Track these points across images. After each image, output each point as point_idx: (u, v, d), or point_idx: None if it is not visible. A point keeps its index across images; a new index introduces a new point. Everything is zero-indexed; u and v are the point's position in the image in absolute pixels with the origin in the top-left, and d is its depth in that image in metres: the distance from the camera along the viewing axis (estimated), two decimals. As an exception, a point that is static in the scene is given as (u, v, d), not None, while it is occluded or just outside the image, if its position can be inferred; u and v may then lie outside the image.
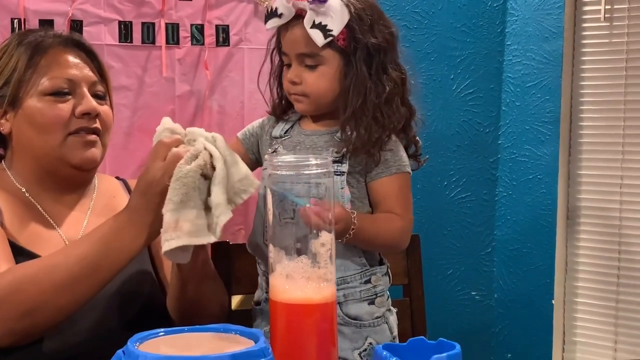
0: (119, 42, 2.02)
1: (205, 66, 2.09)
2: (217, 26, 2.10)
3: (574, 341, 2.41)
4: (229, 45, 2.12)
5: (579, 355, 2.39)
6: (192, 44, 2.09)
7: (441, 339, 0.94)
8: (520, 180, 2.51)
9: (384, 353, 0.89)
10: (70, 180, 1.37)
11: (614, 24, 2.30)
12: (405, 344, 0.97)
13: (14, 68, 1.32)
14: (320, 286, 0.98)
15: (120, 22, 2.02)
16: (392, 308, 1.48)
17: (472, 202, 2.51)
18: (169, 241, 1.10)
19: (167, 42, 2.06)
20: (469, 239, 2.51)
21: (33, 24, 1.93)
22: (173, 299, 1.37)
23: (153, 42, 2.05)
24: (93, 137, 1.34)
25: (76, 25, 1.97)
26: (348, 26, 1.36)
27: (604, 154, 2.35)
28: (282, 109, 1.50)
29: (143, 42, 2.05)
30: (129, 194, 1.46)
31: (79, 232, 1.36)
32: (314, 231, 0.99)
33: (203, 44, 2.09)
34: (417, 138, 1.49)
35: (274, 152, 1.46)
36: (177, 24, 2.07)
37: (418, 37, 2.41)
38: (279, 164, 1.00)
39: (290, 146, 1.45)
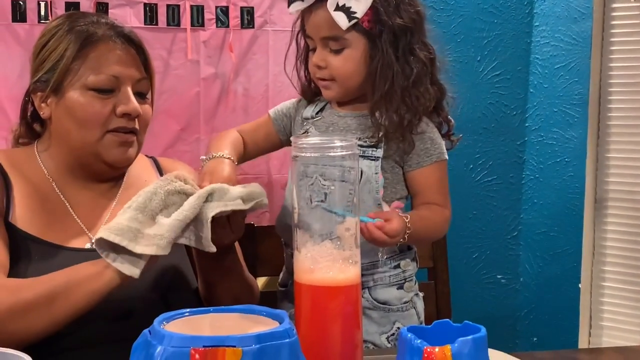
0: (144, 24, 2.03)
1: (230, 48, 2.09)
2: (241, 8, 2.10)
3: (601, 325, 2.39)
4: (253, 27, 2.12)
5: (605, 339, 2.37)
6: (217, 26, 2.09)
7: (466, 321, 0.94)
8: (548, 164, 2.48)
9: (409, 335, 0.89)
10: (102, 174, 1.38)
11: (645, 4, 2.26)
12: (430, 326, 0.97)
13: (61, 55, 1.31)
14: (345, 268, 0.97)
15: (145, 5, 2.03)
16: (419, 293, 1.48)
17: (498, 185, 2.49)
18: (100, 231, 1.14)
19: (192, 25, 2.07)
20: (495, 222, 2.50)
21: (59, 7, 1.94)
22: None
23: (178, 25, 2.06)
24: (131, 137, 1.34)
25: (102, 8, 1.98)
26: (373, 7, 1.32)
27: (633, 137, 2.32)
28: (312, 92, 1.48)
29: (168, 24, 2.05)
30: (159, 173, 1.47)
31: (101, 222, 1.36)
32: (339, 217, 0.99)
33: (228, 26, 2.09)
34: (450, 117, 1.47)
35: (304, 133, 1.45)
36: (202, 6, 2.07)
37: (444, 18, 2.39)
38: (304, 145, 0.99)
39: (323, 127, 1.43)
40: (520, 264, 2.53)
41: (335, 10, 1.31)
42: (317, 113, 1.46)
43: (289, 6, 1.38)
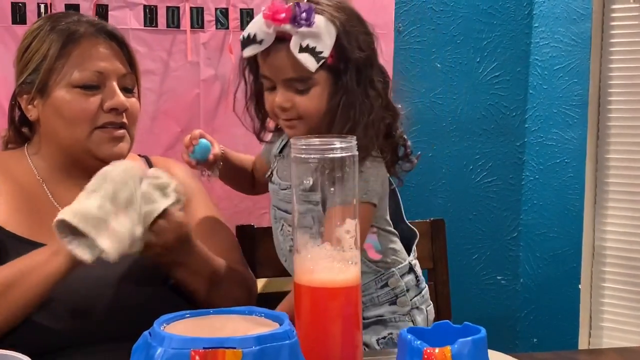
0: (144, 26, 2.03)
1: (229, 50, 2.09)
2: (241, 10, 2.10)
3: (601, 326, 2.39)
4: (253, 29, 2.12)
5: (605, 340, 2.38)
6: (216, 27, 2.09)
7: (466, 323, 0.94)
8: (547, 165, 2.48)
9: (409, 336, 0.89)
10: (95, 171, 1.36)
11: (644, 5, 2.26)
12: (430, 327, 0.97)
13: (44, 55, 1.31)
14: (344, 270, 0.98)
15: (145, 6, 2.03)
16: (421, 307, 1.43)
17: (498, 186, 2.49)
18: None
19: (192, 26, 2.07)
20: (495, 223, 2.50)
21: (59, 8, 1.94)
22: None
23: (178, 26, 2.06)
24: (121, 132, 1.34)
25: (102, 10, 1.98)
26: (336, 44, 1.26)
27: (633, 138, 2.32)
28: (267, 131, 1.42)
29: (168, 26, 2.06)
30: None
31: None
32: (339, 220, 0.98)
33: (227, 27, 2.09)
34: (405, 137, 1.38)
35: (269, 175, 1.42)
36: (202, 8, 2.07)
37: (444, 20, 2.39)
38: (303, 146, 0.99)
39: (284, 169, 1.39)
40: (520, 265, 2.53)
41: (300, 52, 1.24)
42: (280, 151, 1.42)
43: (242, 50, 1.30)
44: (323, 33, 1.24)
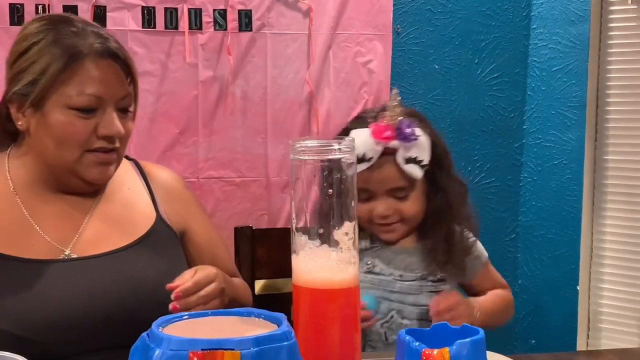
0: (142, 27, 2.04)
1: (228, 51, 2.09)
2: (239, 11, 2.10)
3: (599, 327, 2.39)
4: (251, 30, 2.12)
5: (604, 341, 2.37)
6: (214, 29, 2.09)
7: (465, 324, 0.94)
8: (546, 166, 2.48)
9: (407, 338, 0.89)
10: (78, 189, 1.34)
11: (642, 6, 2.26)
12: (428, 329, 0.97)
13: (43, 70, 1.25)
14: (343, 271, 0.97)
15: (143, 8, 2.03)
16: None
17: (496, 187, 2.49)
18: None
19: (190, 28, 2.07)
20: (493, 224, 2.50)
21: (57, 10, 1.94)
22: None
23: (176, 28, 2.06)
24: (112, 156, 1.31)
25: (100, 11, 1.99)
26: (432, 150, 1.41)
27: (631, 139, 2.32)
28: None
29: (166, 27, 2.06)
30: (143, 178, 1.43)
31: (74, 234, 1.31)
32: (337, 222, 0.99)
33: (226, 29, 2.09)
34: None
35: (369, 270, 1.44)
36: (200, 9, 2.07)
37: (442, 21, 2.39)
38: (302, 148, 0.99)
39: (386, 260, 1.45)
40: (519, 267, 2.53)
41: (406, 163, 1.38)
42: (372, 243, 1.47)
43: None
44: (423, 144, 1.40)
